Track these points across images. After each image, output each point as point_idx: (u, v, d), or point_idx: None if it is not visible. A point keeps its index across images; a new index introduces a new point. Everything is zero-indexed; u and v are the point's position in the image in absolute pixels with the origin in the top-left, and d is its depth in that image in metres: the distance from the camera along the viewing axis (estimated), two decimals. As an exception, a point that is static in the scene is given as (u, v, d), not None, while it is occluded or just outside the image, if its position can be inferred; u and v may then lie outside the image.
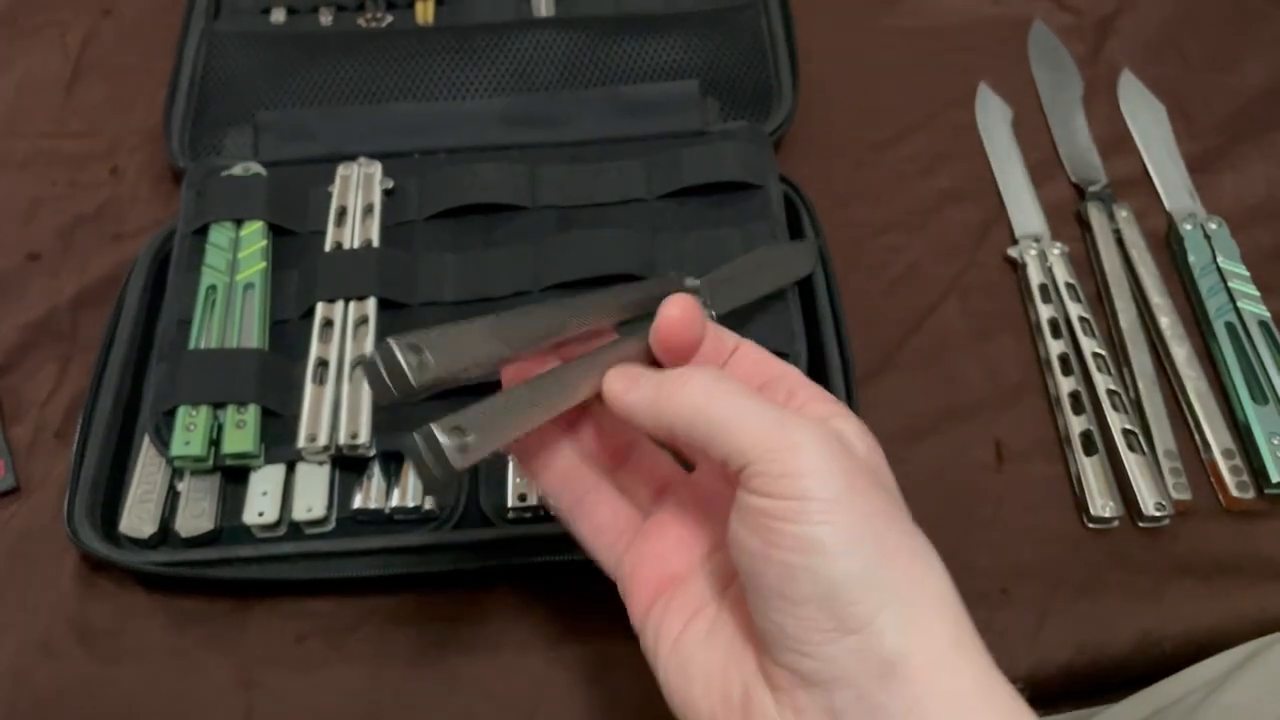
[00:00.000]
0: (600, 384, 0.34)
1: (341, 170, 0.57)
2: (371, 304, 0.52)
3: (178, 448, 0.47)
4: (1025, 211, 0.60)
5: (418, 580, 0.47)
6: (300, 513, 0.47)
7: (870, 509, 0.29)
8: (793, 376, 0.35)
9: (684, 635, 0.33)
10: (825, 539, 0.28)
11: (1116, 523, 0.49)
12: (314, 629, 0.47)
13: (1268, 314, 0.54)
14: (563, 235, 0.54)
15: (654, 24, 0.64)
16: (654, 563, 0.35)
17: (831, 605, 0.28)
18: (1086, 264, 0.58)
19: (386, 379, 0.30)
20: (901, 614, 0.28)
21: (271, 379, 0.49)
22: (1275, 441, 0.50)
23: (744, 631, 0.31)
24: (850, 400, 0.50)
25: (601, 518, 0.36)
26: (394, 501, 0.47)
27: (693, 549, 0.35)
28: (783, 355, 0.49)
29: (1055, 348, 0.54)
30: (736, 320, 0.50)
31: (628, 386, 0.34)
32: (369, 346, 0.50)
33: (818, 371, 0.51)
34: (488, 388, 0.33)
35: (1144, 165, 0.62)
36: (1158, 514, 0.48)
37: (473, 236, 0.55)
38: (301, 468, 0.48)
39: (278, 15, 0.67)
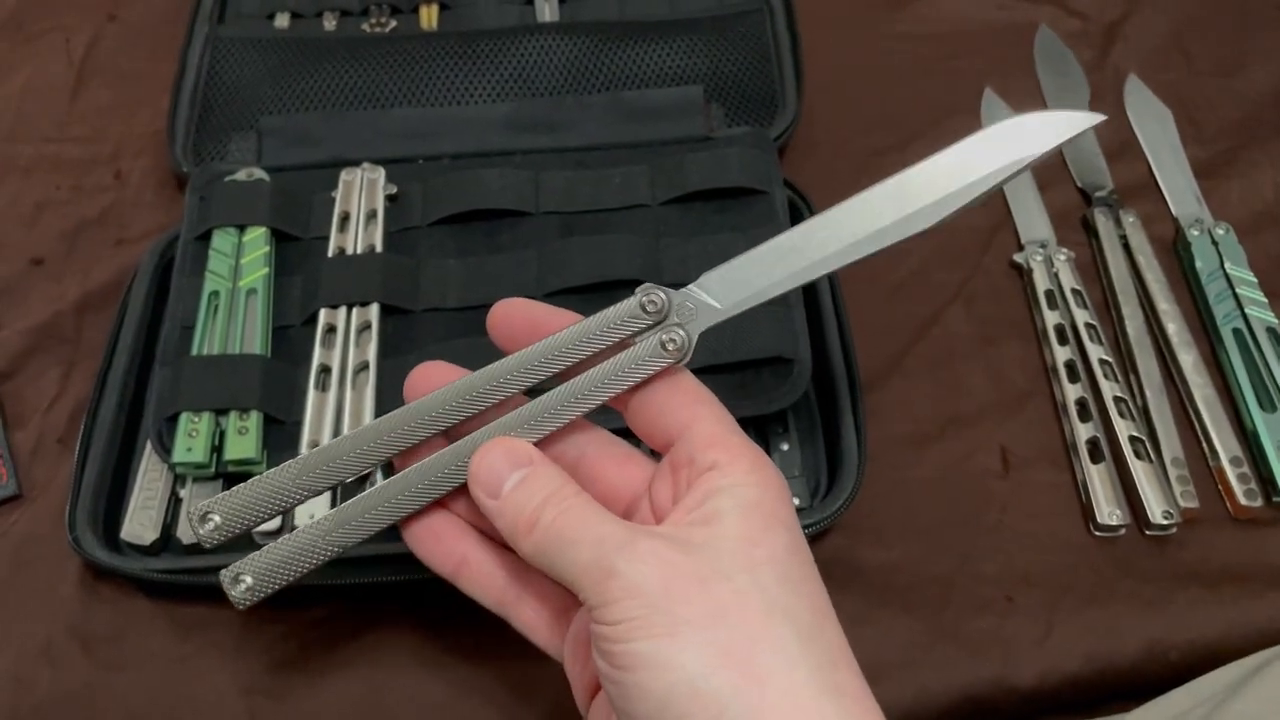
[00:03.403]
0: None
1: (345, 176, 0.57)
2: (374, 310, 0.51)
3: (180, 454, 0.47)
4: (1031, 217, 0.60)
5: (419, 586, 0.47)
6: (303, 519, 0.47)
7: (706, 610, 0.29)
8: (705, 424, 0.34)
9: None
10: (646, 653, 0.29)
11: (1123, 531, 0.49)
12: (316, 635, 0.47)
13: (1275, 320, 0.54)
14: (566, 241, 0.54)
15: (658, 29, 0.64)
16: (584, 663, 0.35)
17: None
18: (1093, 270, 0.58)
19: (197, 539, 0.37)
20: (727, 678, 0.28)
21: (274, 385, 0.49)
22: (1283, 449, 0.50)
23: None
24: (855, 407, 0.50)
25: (526, 617, 0.37)
26: (396, 508, 0.47)
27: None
28: (786, 362, 0.49)
29: (1061, 354, 0.53)
30: (738, 328, 0.50)
31: (495, 510, 0.34)
32: (372, 353, 0.50)
33: (822, 378, 0.51)
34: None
35: (1151, 171, 0.62)
36: (1165, 522, 0.48)
37: (476, 242, 0.55)
38: (304, 474, 0.48)
39: (282, 20, 0.67)
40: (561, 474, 0.34)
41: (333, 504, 0.47)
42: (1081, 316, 0.55)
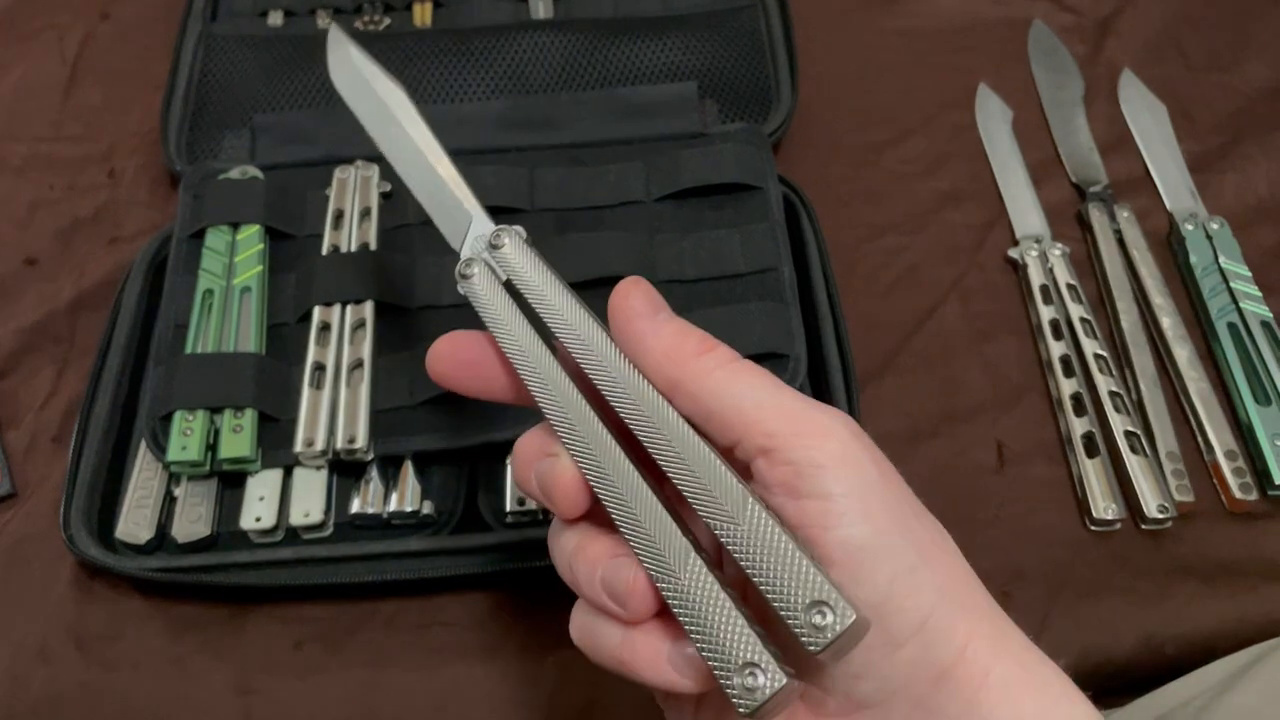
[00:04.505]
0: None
1: (338, 173, 0.57)
2: (369, 308, 0.51)
3: (174, 452, 0.47)
4: (1026, 212, 0.60)
5: (415, 585, 0.47)
6: (298, 518, 0.47)
7: (905, 505, 0.28)
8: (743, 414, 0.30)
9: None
10: (865, 542, 0.26)
11: (1119, 525, 0.49)
12: (311, 634, 0.46)
13: (1270, 314, 0.54)
14: (561, 237, 0.54)
15: (652, 26, 0.64)
16: None
17: (879, 617, 0.26)
18: (1088, 265, 0.58)
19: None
20: (947, 614, 0.26)
21: (268, 383, 0.49)
22: (1278, 443, 0.50)
23: None
24: (850, 402, 0.50)
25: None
26: (392, 506, 0.47)
27: None
28: (781, 358, 0.49)
29: (1056, 349, 0.53)
30: (733, 323, 0.50)
31: (636, 336, 0.30)
32: (366, 351, 0.50)
33: (817, 374, 0.51)
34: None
35: (1145, 165, 0.62)
36: (1160, 516, 0.48)
37: (471, 239, 0.55)
38: (299, 472, 0.48)
39: (275, 18, 0.67)
40: None
41: (327, 499, 0.47)
42: (1076, 311, 0.55)
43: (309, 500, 0.47)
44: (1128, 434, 0.50)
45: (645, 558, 0.28)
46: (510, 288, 0.34)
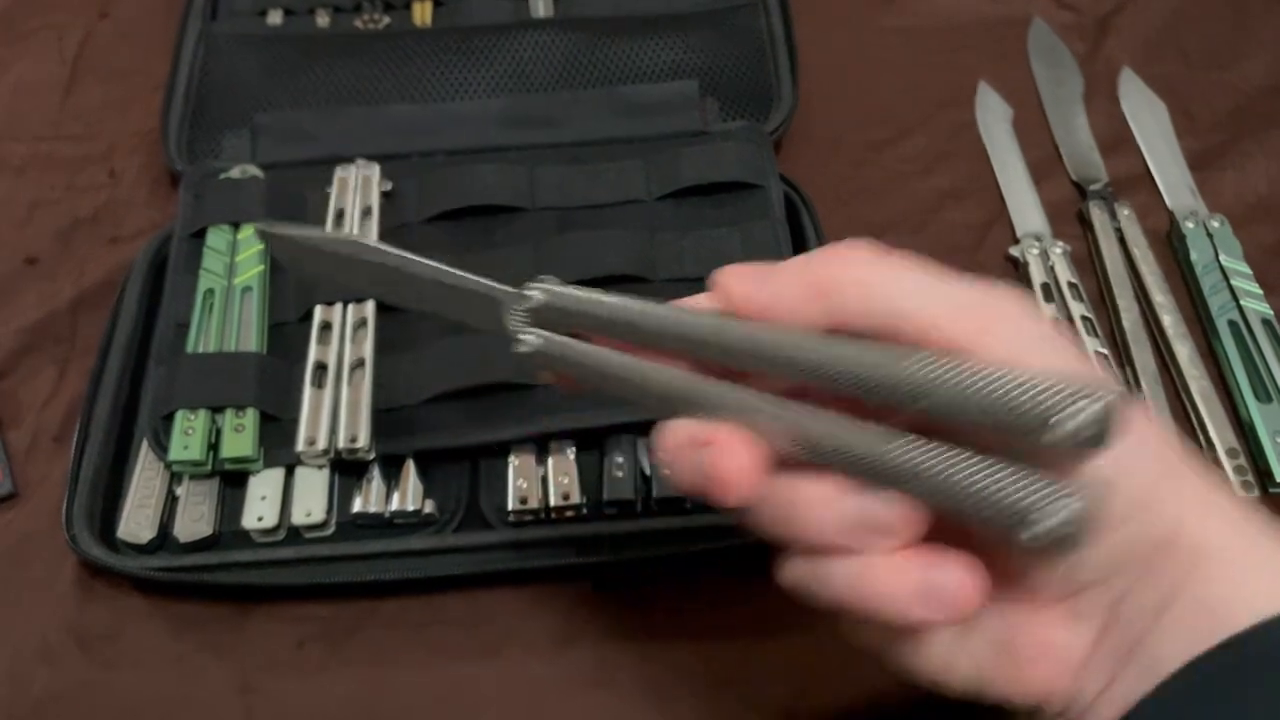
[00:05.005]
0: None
1: (339, 172, 0.57)
2: (370, 307, 0.51)
3: (176, 452, 0.47)
4: (1026, 210, 0.60)
5: (418, 584, 0.47)
6: (299, 517, 0.47)
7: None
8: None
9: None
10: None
11: (1120, 523, 0.49)
12: (313, 633, 0.46)
13: (1270, 312, 0.54)
14: (562, 236, 0.54)
15: (653, 24, 0.64)
16: None
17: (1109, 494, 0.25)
18: (1088, 263, 0.58)
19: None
20: (1167, 485, 0.26)
21: (270, 382, 0.49)
22: (1279, 440, 0.50)
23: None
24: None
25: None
26: (394, 505, 0.47)
27: None
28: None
29: (1057, 347, 0.53)
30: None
31: (760, 277, 0.29)
32: (368, 350, 0.50)
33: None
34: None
35: (1145, 163, 0.62)
36: (1161, 514, 0.48)
37: (472, 238, 0.55)
38: (300, 472, 0.48)
39: (274, 17, 0.67)
40: None
41: (329, 499, 0.47)
42: (1077, 309, 0.55)
43: (311, 499, 0.47)
44: (1129, 432, 0.50)
45: (883, 478, 0.26)
46: (573, 334, 0.32)
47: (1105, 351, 0.53)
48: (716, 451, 0.28)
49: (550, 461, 0.48)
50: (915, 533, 0.27)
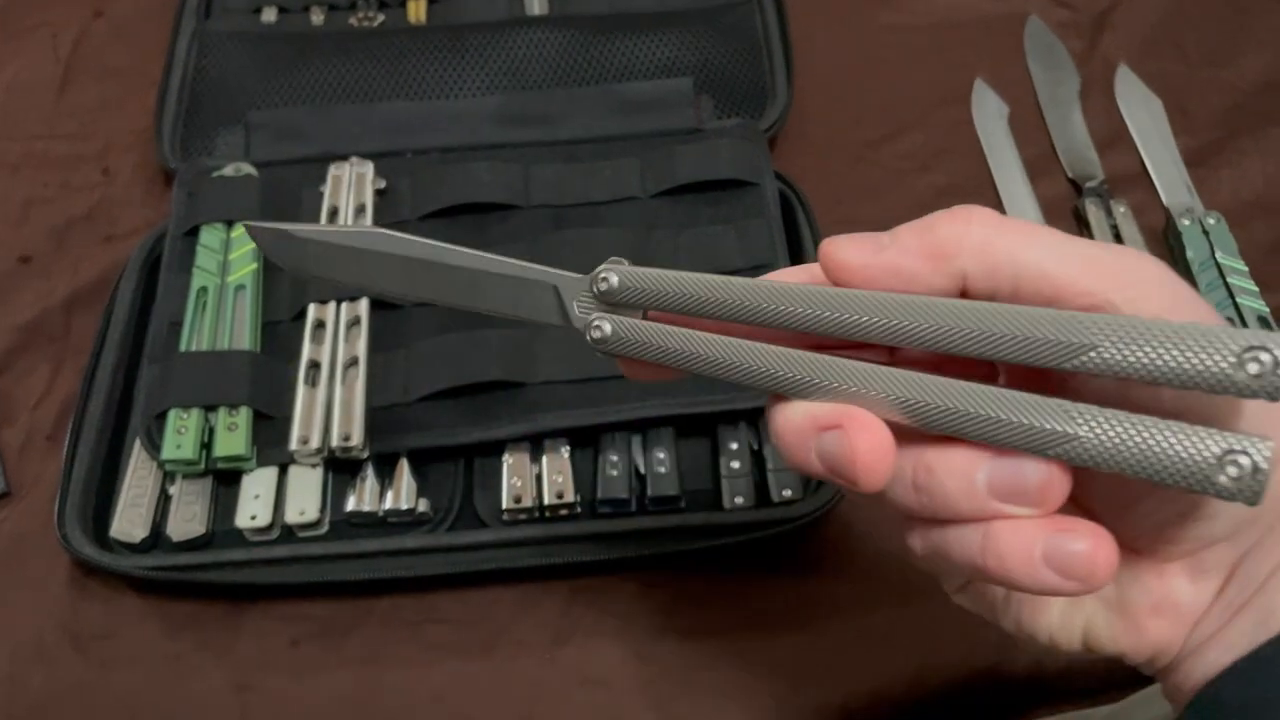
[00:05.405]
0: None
1: (333, 170, 0.56)
2: (364, 305, 0.51)
3: (169, 451, 0.46)
4: (1022, 208, 0.60)
5: (412, 583, 0.47)
6: (293, 516, 0.47)
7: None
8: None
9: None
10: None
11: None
12: (308, 632, 0.46)
13: (1266, 309, 0.54)
14: (557, 234, 0.54)
15: (648, 21, 0.64)
16: None
17: None
18: (1084, 260, 0.58)
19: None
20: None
21: (263, 381, 0.49)
22: (1275, 437, 0.50)
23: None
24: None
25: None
26: (388, 504, 0.47)
27: None
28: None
29: (1053, 344, 0.53)
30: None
31: (876, 243, 0.28)
32: (361, 348, 0.50)
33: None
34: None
35: (1141, 161, 0.62)
36: (1157, 511, 0.48)
37: (467, 236, 0.55)
38: (294, 470, 0.48)
39: (269, 14, 0.67)
40: None
41: (323, 497, 0.47)
42: (1073, 306, 0.54)
43: (304, 498, 0.47)
44: (1124, 429, 0.50)
45: (1032, 445, 0.25)
46: (649, 317, 0.31)
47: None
48: (848, 435, 0.27)
49: (544, 460, 0.48)
50: (1062, 498, 0.26)
